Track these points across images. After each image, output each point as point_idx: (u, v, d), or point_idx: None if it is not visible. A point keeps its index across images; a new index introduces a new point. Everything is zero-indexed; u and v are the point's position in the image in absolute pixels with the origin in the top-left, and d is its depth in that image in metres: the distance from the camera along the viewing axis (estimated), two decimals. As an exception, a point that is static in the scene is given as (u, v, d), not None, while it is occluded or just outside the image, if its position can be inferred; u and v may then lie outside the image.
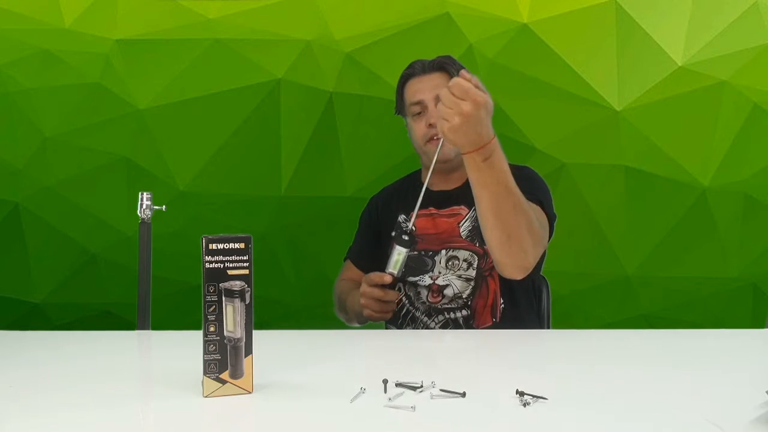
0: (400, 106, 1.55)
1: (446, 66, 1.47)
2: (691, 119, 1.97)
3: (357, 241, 1.68)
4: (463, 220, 1.46)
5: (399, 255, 1.29)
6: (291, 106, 2.03)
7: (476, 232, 1.43)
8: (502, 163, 1.15)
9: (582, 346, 1.15)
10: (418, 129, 1.48)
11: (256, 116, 2.03)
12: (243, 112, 2.03)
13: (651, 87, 1.94)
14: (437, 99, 1.40)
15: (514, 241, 1.19)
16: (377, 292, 1.32)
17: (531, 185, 1.40)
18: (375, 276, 1.33)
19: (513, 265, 1.24)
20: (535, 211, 1.32)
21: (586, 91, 1.95)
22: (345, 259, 1.67)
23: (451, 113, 1.07)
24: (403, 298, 1.48)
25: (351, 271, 1.63)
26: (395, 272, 1.30)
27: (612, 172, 2.01)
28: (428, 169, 1.46)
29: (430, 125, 1.44)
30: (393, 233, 1.30)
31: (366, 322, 1.48)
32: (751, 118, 1.98)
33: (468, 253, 1.43)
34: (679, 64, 1.93)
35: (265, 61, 1.99)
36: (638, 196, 2.02)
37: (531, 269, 1.26)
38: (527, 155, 1.99)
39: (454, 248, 1.44)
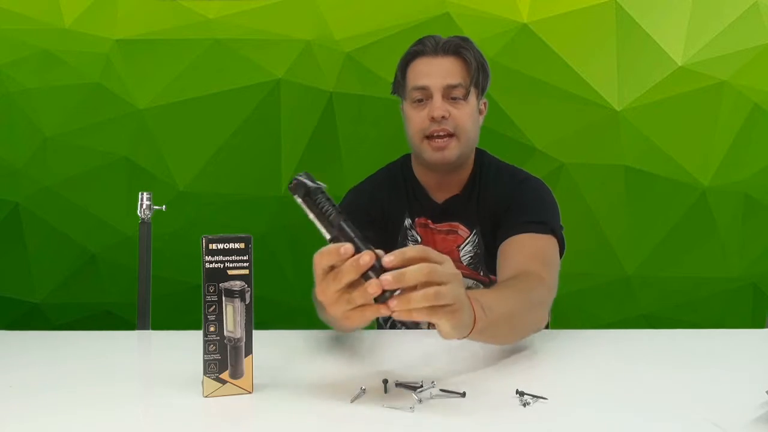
0: (400, 87, 1.29)
1: (462, 51, 1.22)
2: (691, 119, 1.98)
3: None
4: (463, 244, 1.29)
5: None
6: (291, 106, 2.03)
7: (479, 259, 1.29)
8: (491, 312, 0.83)
9: (582, 346, 1.15)
10: (417, 120, 1.23)
11: (256, 116, 2.03)
12: (243, 112, 2.03)
13: (651, 87, 1.94)
14: (445, 89, 1.21)
15: (528, 335, 1.05)
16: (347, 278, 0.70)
17: (538, 206, 1.24)
18: (334, 251, 0.71)
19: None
20: (548, 243, 1.17)
21: (586, 91, 1.95)
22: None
23: (439, 313, 0.71)
24: (399, 324, 1.33)
25: None
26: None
27: (612, 172, 2.01)
28: (421, 165, 1.31)
29: (433, 119, 1.21)
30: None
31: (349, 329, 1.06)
32: (751, 118, 1.98)
33: (471, 281, 1.29)
34: (679, 64, 1.93)
35: (265, 61, 2.00)
36: (638, 196, 2.02)
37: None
38: (527, 155, 1.99)
39: None
